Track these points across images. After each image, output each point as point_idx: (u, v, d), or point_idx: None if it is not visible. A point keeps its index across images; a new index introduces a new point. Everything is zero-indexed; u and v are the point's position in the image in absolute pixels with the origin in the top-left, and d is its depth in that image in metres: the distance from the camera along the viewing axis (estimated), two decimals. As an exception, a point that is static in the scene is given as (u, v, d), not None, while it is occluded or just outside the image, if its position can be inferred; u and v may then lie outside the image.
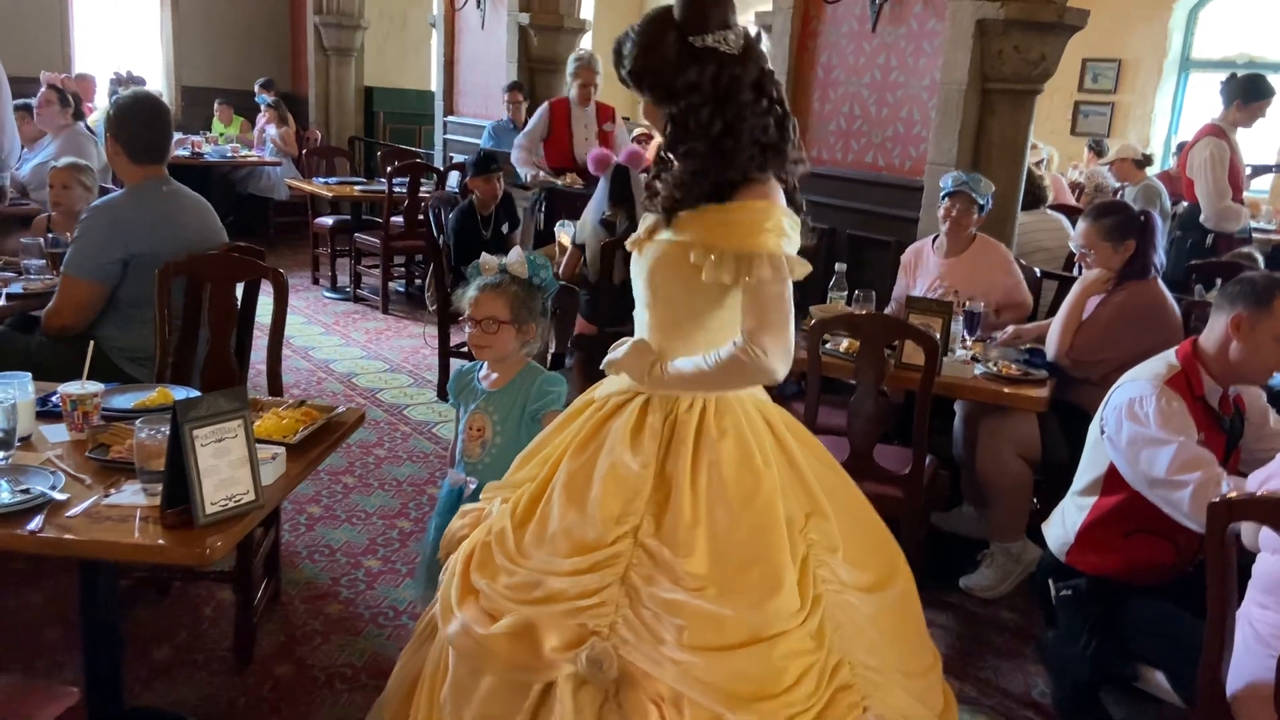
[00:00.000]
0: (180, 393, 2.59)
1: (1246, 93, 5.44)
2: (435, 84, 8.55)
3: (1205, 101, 10.13)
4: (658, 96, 1.93)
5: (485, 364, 2.49)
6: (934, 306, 3.39)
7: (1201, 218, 5.52)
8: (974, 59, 4.45)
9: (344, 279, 7.58)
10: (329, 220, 7.53)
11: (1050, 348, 3.51)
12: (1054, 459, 3.52)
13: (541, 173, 6.10)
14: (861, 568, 1.93)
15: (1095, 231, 3.48)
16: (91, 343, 2.41)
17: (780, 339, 1.85)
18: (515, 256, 2.47)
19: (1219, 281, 4.53)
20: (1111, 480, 2.69)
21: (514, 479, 2.12)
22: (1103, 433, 2.70)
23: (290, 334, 3.17)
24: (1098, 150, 9.19)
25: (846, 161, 5.11)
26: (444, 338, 5.20)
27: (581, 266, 4.57)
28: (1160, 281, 3.49)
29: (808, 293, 4.05)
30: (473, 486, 2.41)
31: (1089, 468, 2.78)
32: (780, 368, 1.86)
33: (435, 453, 4.52)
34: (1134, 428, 2.55)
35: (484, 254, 2.49)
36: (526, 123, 7.02)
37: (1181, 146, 8.32)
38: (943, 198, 3.99)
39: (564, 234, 5.26)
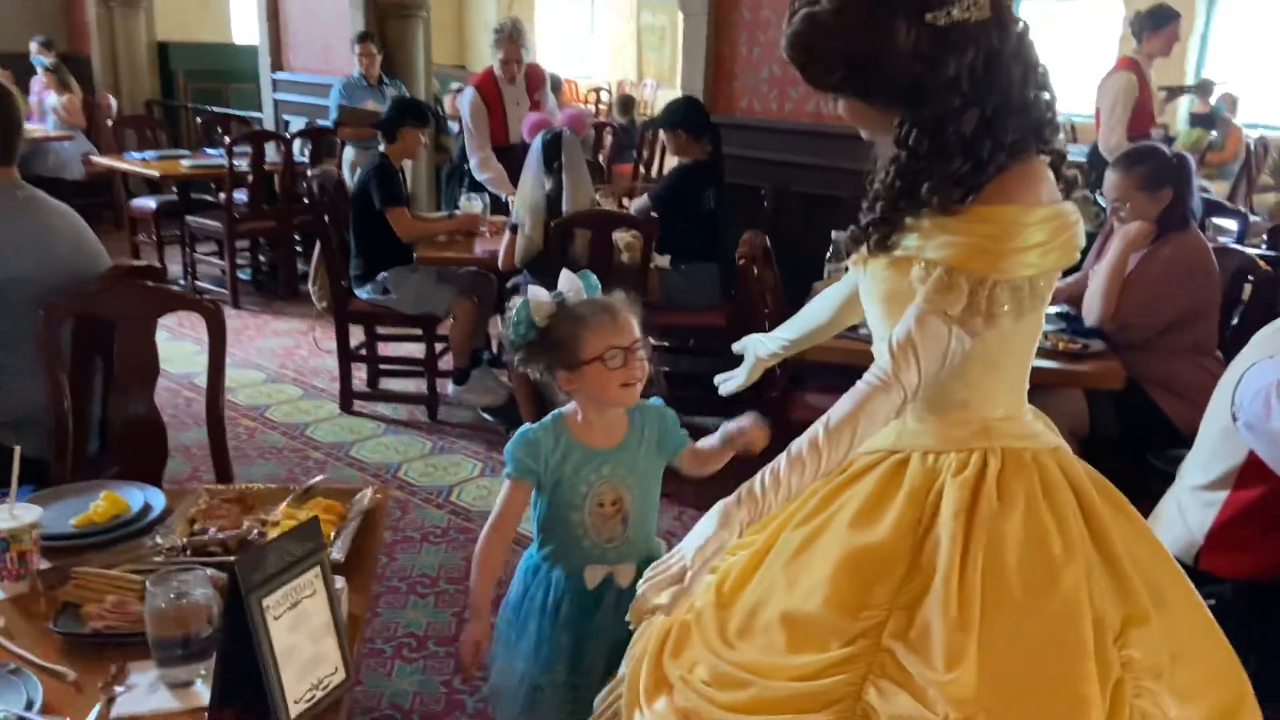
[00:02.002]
0: (135, 496, 1.87)
1: (1154, 20, 5.36)
2: (257, 36, 7.49)
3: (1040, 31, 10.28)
4: (889, 100, 1.43)
5: (578, 412, 1.84)
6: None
7: (1101, 148, 5.43)
8: (932, -8, 4.05)
9: (174, 269, 6.53)
10: (151, 202, 6.43)
11: (1091, 313, 3.20)
12: (1103, 434, 3.22)
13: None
14: (1194, 699, 1.41)
15: (1129, 182, 3.17)
16: (17, 449, 1.65)
17: (915, 370, 1.43)
18: (569, 283, 1.84)
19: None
20: (1249, 472, 2.38)
21: None
22: (1235, 419, 2.38)
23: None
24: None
25: (784, 112, 4.65)
26: (343, 339, 4.43)
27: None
28: (1199, 230, 3.24)
29: (801, 270, 3.59)
30: (630, 577, 1.80)
31: (1217, 459, 2.45)
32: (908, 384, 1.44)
33: (367, 483, 3.80)
34: (1293, 412, 2.23)
35: (533, 290, 1.82)
36: (383, 79, 6.22)
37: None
38: None
39: (472, 205, 4.59)
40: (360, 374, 4.70)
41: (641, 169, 7.36)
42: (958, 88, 1.36)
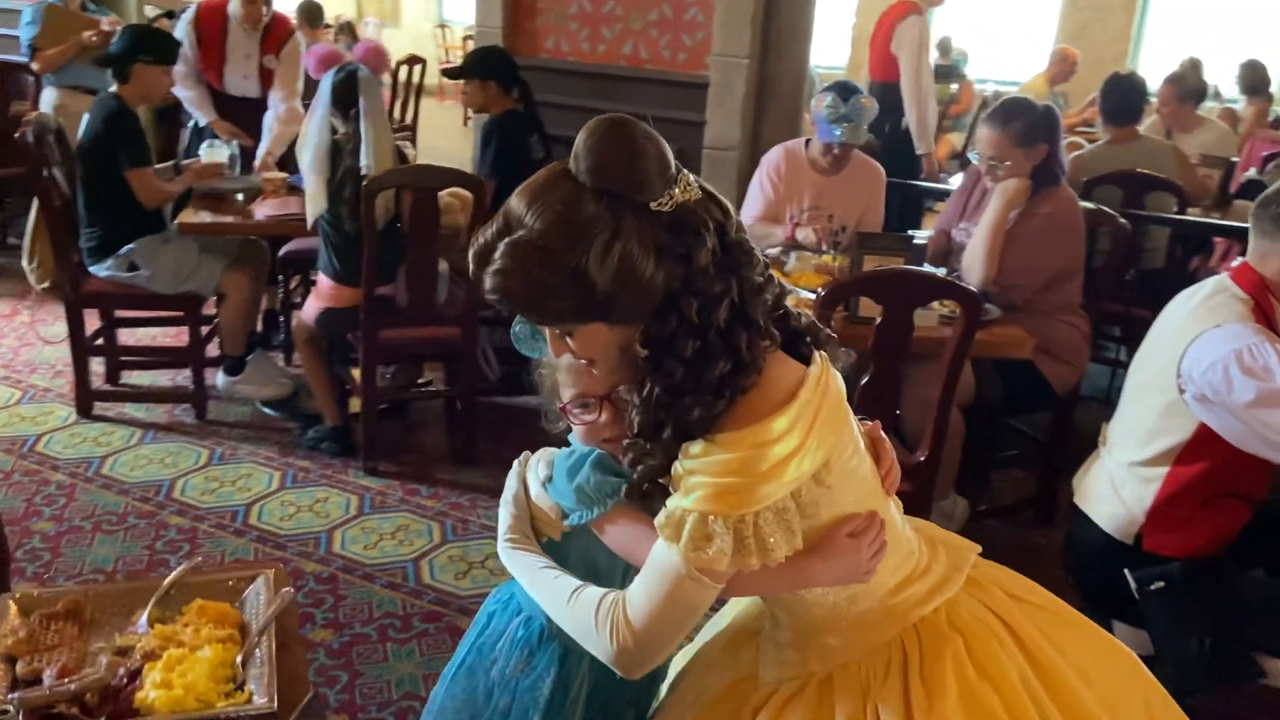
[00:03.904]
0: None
1: None
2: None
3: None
4: (635, 316, 1.14)
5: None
6: (895, 244, 2.73)
7: (907, 101, 5.40)
8: (760, -75, 3.76)
9: None
10: None
11: (973, 274, 3.03)
12: (987, 400, 3.09)
13: (224, 137, 4.11)
14: None
15: (1006, 139, 3.02)
16: None
17: (655, 637, 1.19)
18: None
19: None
20: (1194, 448, 2.28)
21: None
22: (1182, 392, 2.25)
23: None
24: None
25: (596, 54, 4.19)
26: (76, 327, 3.54)
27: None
28: (1069, 185, 3.16)
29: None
30: None
31: (1159, 435, 2.33)
32: (637, 668, 1.21)
33: (134, 509, 3.04)
34: (1257, 384, 2.11)
35: None
36: (87, 6, 5.15)
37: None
38: (824, 138, 3.31)
39: (215, 154, 3.82)
40: (96, 368, 3.83)
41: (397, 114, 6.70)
42: (710, 275, 1.13)
